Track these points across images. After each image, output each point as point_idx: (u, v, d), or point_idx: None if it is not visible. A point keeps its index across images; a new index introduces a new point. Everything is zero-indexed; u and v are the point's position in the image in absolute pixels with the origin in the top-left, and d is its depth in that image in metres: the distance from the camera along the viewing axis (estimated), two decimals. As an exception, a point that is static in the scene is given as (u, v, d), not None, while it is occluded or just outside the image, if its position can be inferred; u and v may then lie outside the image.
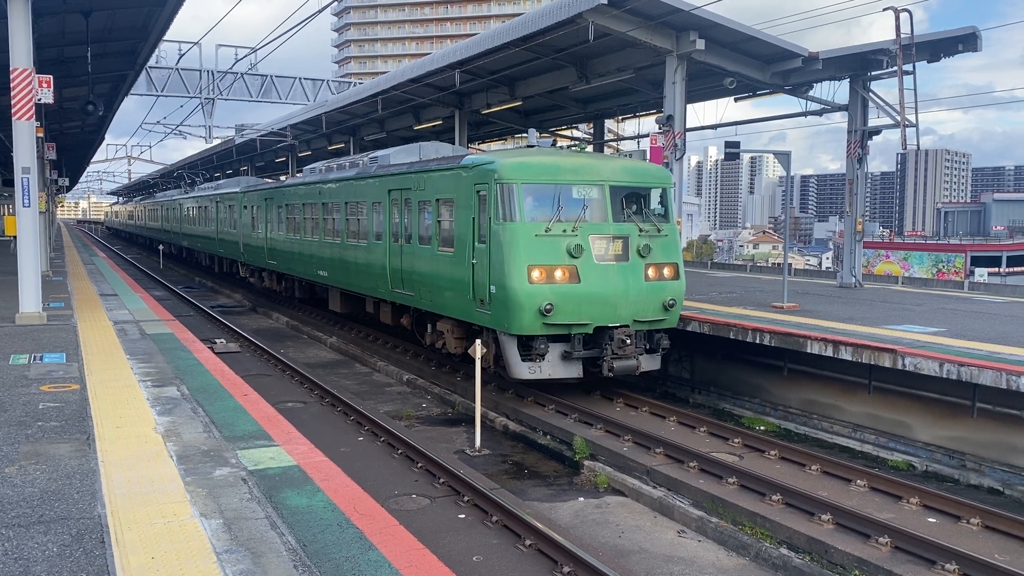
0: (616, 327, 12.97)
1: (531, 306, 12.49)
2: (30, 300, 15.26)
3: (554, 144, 15.17)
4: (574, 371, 13.16)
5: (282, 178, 46.67)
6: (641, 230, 13.38)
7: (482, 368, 14.27)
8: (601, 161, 14.10)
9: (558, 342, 12.96)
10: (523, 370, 12.98)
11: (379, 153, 19.66)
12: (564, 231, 12.82)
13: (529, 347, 12.97)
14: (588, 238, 12.90)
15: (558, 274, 12.70)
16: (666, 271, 13.60)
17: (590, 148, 30.58)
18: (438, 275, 15.06)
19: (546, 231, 12.74)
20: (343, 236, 20.25)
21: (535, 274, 12.59)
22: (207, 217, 37.18)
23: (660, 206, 14.02)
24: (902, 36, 18.24)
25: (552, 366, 13.00)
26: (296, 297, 26.49)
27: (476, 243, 13.59)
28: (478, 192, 13.55)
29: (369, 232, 18.58)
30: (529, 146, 15.01)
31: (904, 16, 17.95)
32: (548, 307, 12.50)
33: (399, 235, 16.84)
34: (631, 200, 13.68)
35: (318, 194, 22.21)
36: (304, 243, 23.47)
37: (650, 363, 13.69)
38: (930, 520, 9.00)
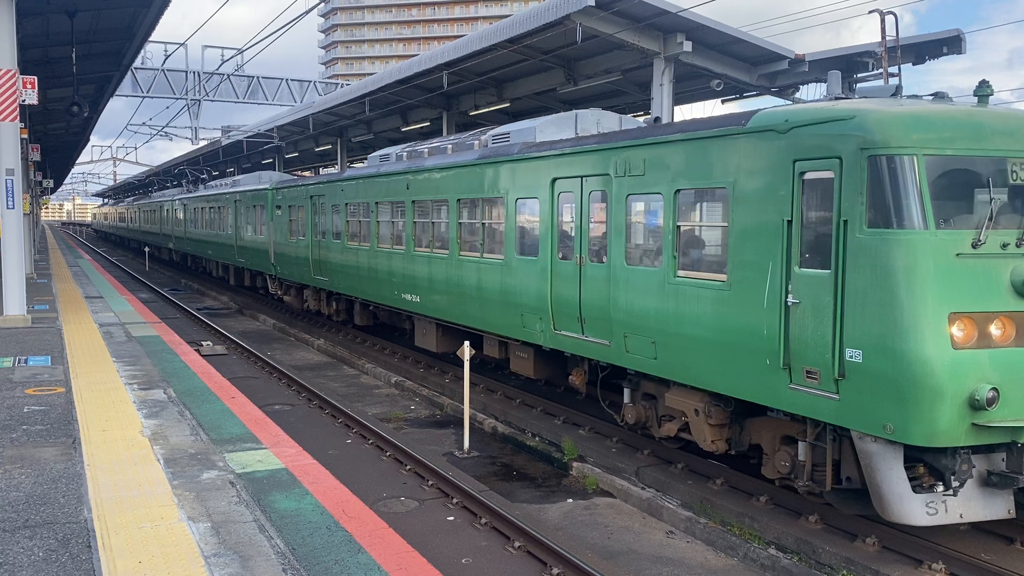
0: None
1: (956, 392, 6.97)
2: (14, 302, 15.18)
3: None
4: (1001, 508, 7.67)
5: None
6: None
7: (786, 481, 8.97)
8: None
9: (977, 454, 7.54)
10: (917, 511, 7.42)
11: (508, 128, 13.88)
12: (1004, 246, 7.31)
13: (914, 463, 7.56)
14: None
15: (996, 330, 7.20)
16: None
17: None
18: (681, 317, 9.42)
19: (972, 247, 7.21)
20: (452, 248, 14.68)
21: (959, 330, 7.08)
22: (221, 220, 32.16)
23: None
24: (887, 38, 18.38)
25: (968, 502, 7.54)
26: (354, 324, 21.13)
27: (797, 267, 8.00)
28: (801, 174, 7.94)
29: (508, 243, 13.03)
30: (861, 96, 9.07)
31: (889, 19, 18.12)
32: (991, 395, 6.94)
33: (575, 248, 11.49)
34: None
35: (405, 189, 16.53)
36: (379, 255, 17.82)
37: None
38: (917, 519, 9.05)
